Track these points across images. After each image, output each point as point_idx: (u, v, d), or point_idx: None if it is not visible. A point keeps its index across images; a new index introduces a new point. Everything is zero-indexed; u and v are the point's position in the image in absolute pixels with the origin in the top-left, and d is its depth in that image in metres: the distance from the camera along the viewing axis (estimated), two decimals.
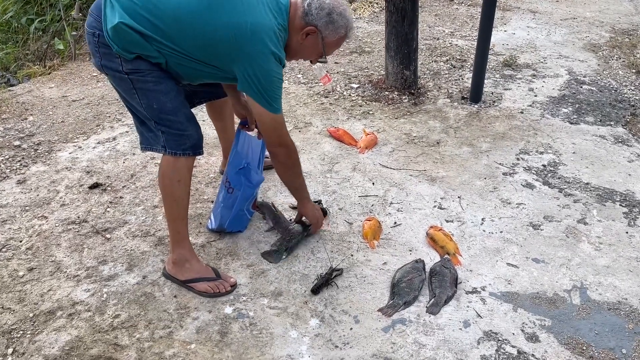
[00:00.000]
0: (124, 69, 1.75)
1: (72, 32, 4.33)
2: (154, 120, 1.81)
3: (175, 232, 1.97)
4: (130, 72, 1.75)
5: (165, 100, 1.79)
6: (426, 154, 2.85)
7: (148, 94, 1.78)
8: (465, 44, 4.38)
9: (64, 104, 3.43)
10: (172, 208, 1.93)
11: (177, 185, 1.88)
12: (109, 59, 1.76)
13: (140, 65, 1.75)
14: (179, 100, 1.83)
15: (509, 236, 2.25)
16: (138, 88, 1.78)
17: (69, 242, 2.23)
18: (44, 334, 1.82)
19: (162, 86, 1.78)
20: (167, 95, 1.79)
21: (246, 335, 1.81)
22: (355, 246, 2.20)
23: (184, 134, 1.82)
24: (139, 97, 1.79)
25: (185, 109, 1.86)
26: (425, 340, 1.79)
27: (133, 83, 1.77)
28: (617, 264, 2.11)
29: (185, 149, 1.83)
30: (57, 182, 2.62)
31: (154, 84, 1.77)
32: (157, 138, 1.85)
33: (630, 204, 2.44)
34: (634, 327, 1.83)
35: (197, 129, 1.87)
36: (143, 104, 1.79)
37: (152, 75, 1.77)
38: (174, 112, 1.81)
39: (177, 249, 1.98)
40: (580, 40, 4.45)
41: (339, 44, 1.95)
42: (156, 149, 1.87)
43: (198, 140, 1.87)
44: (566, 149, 2.88)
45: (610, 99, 3.43)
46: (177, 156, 1.84)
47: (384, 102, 3.40)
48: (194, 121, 1.87)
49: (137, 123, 1.91)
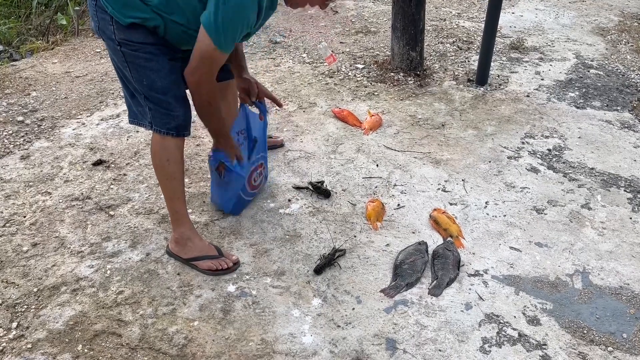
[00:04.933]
0: (116, 37, 1.70)
1: (75, 7, 4.28)
2: (144, 94, 1.79)
3: (174, 211, 1.98)
4: (122, 43, 1.71)
5: (155, 78, 1.76)
6: (431, 136, 2.83)
7: (139, 69, 1.75)
8: (472, 25, 4.33)
9: (67, 79, 3.41)
10: (166, 187, 1.94)
11: (167, 165, 1.88)
12: (105, 25, 1.71)
13: (133, 37, 1.69)
14: (169, 79, 1.78)
15: (512, 220, 2.25)
16: (129, 61, 1.74)
17: (72, 218, 2.23)
18: (48, 308, 1.83)
19: (153, 64, 1.74)
20: (158, 73, 1.75)
21: (249, 313, 1.82)
22: (359, 227, 2.20)
23: (171, 114, 1.80)
24: (130, 70, 1.76)
25: (176, 88, 1.81)
26: (427, 322, 1.80)
27: (125, 56, 1.73)
28: (620, 249, 2.11)
29: (169, 128, 1.82)
30: (60, 159, 2.61)
31: (144, 60, 1.73)
32: (145, 114, 1.83)
33: (634, 190, 2.44)
34: (635, 312, 1.84)
35: (185, 110, 1.84)
36: (134, 77, 1.77)
37: (144, 51, 1.72)
38: (163, 90, 1.77)
39: (178, 228, 1.99)
40: (588, 23, 4.39)
41: None
42: (143, 124, 1.86)
43: (184, 121, 1.84)
44: (572, 134, 2.86)
45: (617, 84, 3.40)
46: (163, 135, 1.83)
47: (389, 83, 3.37)
48: (183, 102, 1.83)
49: (128, 95, 1.88)
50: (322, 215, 2.26)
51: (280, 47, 3.90)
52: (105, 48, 3.87)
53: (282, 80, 3.37)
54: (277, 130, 2.85)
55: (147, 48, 1.72)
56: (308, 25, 4.31)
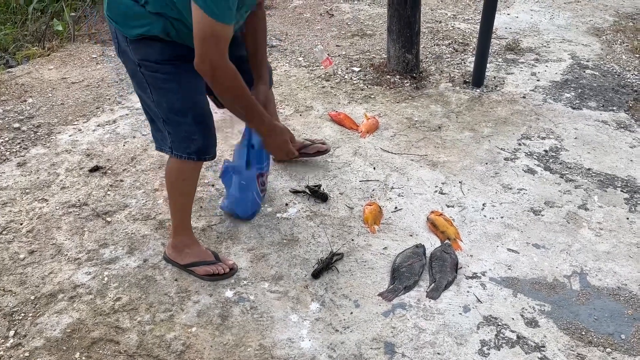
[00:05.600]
0: (135, 57, 1.68)
1: (71, 13, 4.28)
2: (162, 118, 1.76)
3: (179, 221, 1.97)
4: (141, 64, 1.68)
5: (174, 100, 1.72)
6: (427, 138, 2.83)
7: (158, 91, 1.72)
8: (467, 27, 4.34)
9: (64, 86, 3.40)
10: (177, 202, 1.94)
11: (182, 183, 1.88)
12: (123, 45, 1.69)
13: (150, 54, 1.66)
14: (190, 100, 1.74)
15: (509, 221, 2.25)
16: (150, 83, 1.71)
17: (69, 225, 2.23)
18: (45, 316, 1.82)
19: (173, 84, 1.70)
20: (177, 94, 1.71)
21: (247, 319, 1.82)
22: (356, 231, 2.20)
23: (190, 137, 1.77)
24: (151, 93, 1.73)
25: (196, 109, 1.76)
26: (425, 325, 1.80)
27: (145, 77, 1.71)
28: (617, 249, 2.11)
29: (190, 152, 1.78)
30: (57, 165, 2.61)
31: (163, 81, 1.70)
32: (165, 139, 1.81)
33: (631, 190, 2.44)
34: (633, 313, 1.84)
35: (204, 133, 1.79)
36: (154, 99, 1.74)
37: (162, 71, 1.68)
38: (182, 112, 1.74)
39: (178, 236, 1.99)
40: (583, 24, 4.40)
41: None
42: (165, 150, 1.84)
43: (203, 145, 1.80)
44: (568, 134, 2.86)
45: (613, 84, 3.40)
46: (183, 159, 1.80)
47: (385, 86, 3.37)
48: (203, 124, 1.78)
49: (150, 121, 1.86)
50: (319, 219, 2.26)
51: (276, 50, 3.90)
52: (101, 54, 3.87)
53: (278, 84, 3.37)
54: None
55: (166, 67, 1.68)
56: (304, 29, 4.31)
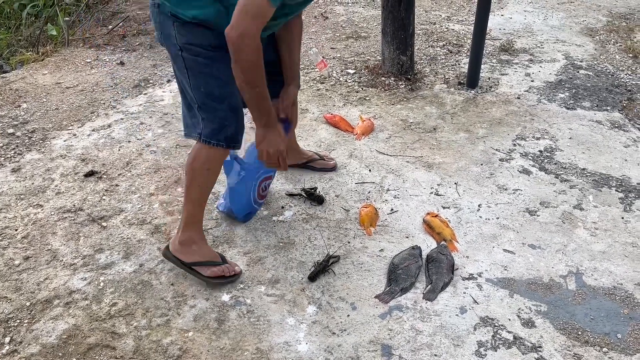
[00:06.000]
0: (178, 42, 1.71)
1: (65, 18, 4.27)
2: (198, 103, 1.77)
3: (190, 214, 1.93)
4: (184, 48, 1.71)
5: (213, 85, 1.74)
6: (423, 140, 2.84)
7: (198, 75, 1.74)
8: (462, 28, 4.35)
9: (58, 90, 3.40)
10: (193, 192, 1.91)
11: (205, 173, 1.86)
12: (167, 29, 1.72)
13: (195, 38, 1.69)
14: (227, 88, 1.75)
15: (505, 222, 2.26)
16: (189, 67, 1.74)
17: (64, 230, 2.22)
18: (41, 322, 1.82)
19: (213, 69, 1.73)
20: (217, 80, 1.74)
21: (244, 322, 1.82)
22: (352, 233, 2.20)
23: (223, 124, 1.78)
24: (189, 77, 1.75)
25: (232, 98, 1.78)
26: (422, 327, 1.80)
27: (185, 61, 1.73)
28: (612, 249, 2.12)
29: (219, 139, 1.79)
30: (52, 170, 2.60)
31: (204, 65, 1.72)
32: (196, 125, 1.82)
33: (626, 189, 2.45)
34: (629, 312, 1.85)
35: (238, 121, 1.82)
36: (192, 84, 1.75)
37: (204, 56, 1.72)
38: (220, 99, 1.76)
39: (187, 230, 1.93)
40: (577, 24, 4.42)
41: None
42: (193, 137, 1.84)
43: (235, 134, 1.82)
44: (562, 135, 2.87)
45: (607, 84, 3.42)
46: (211, 146, 1.80)
47: (380, 87, 3.38)
48: (237, 113, 1.81)
49: (185, 108, 1.87)
50: (315, 222, 2.26)
51: None
52: (95, 58, 3.87)
53: None
54: None
55: (209, 53, 1.72)
56: None
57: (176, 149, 2.76)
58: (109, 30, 4.35)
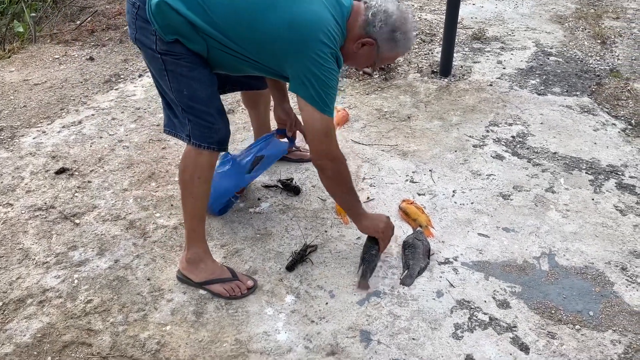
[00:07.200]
0: (157, 48, 1.64)
1: (32, 14, 4.17)
2: (182, 106, 1.71)
3: (191, 230, 1.88)
4: (164, 53, 1.65)
5: (198, 89, 1.69)
6: (397, 128, 2.85)
7: (180, 78, 1.67)
8: (434, 18, 4.38)
9: (26, 88, 3.32)
10: (190, 205, 1.85)
11: (197, 182, 1.80)
12: (144, 34, 1.65)
13: (176, 49, 1.64)
14: (211, 90, 1.73)
15: (479, 207, 2.29)
16: (170, 70, 1.67)
17: (36, 229, 2.18)
18: (14, 322, 1.78)
19: (197, 73, 1.68)
20: (201, 83, 1.69)
21: (222, 314, 1.81)
22: (329, 222, 2.21)
23: (212, 127, 1.74)
24: (169, 80, 1.69)
25: (217, 101, 1.76)
26: (400, 312, 1.81)
27: (165, 64, 1.67)
28: (583, 229, 2.17)
29: (211, 142, 1.74)
30: (21, 169, 2.55)
31: (188, 69, 1.66)
32: (183, 126, 1.75)
33: (596, 172, 2.50)
34: (600, 290, 1.89)
35: (226, 123, 1.79)
36: (173, 87, 1.69)
37: (187, 60, 1.66)
38: (206, 102, 1.71)
39: (191, 248, 1.89)
40: (546, 12, 4.49)
41: (392, 60, 1.85)
42: (180, 137, 1.79)
43: (225, 136, 1.78)
44: (534, 120, 2.92)
45: (576, 70, 3.48)
46: (201, 149, 1.75)
47: (354, 78, 3.38)
48: (224, 115, 1.78)
49: (164, 105, 1.82)
50: (292, 213, 2.26)
51: None
52: (64, 54, 3.79)
53: None
54: (244, 130, 2.83)
55: (190, 58, 1.67)
56: None
57: (149, 143, 2.72)
58: (77, 25, 4.26)
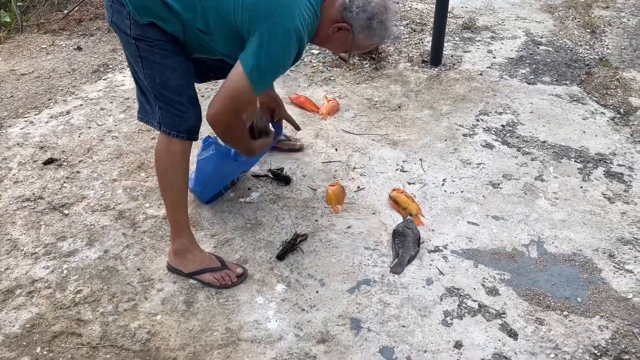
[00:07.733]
0: (132, 32, 1.62)
1: (18, 3, 4.11)
2: (154, 93, 1.70)
3: (175, 221, 1.87)
4: (138, 39, 1.63)
5: (170, 77, 1.67)
6: (388, 118, 2.85)
7: (153, 65, 1.66)
8: (425, 7, 4.37)
9: (13, 78, 3.28)
10: (169, 196, 1.85)
11: (171, 172, 1.79)
12: (119, 17, 1.63)
13: (150, 33, 1.62)
14: (185, 79, 1.72)
15: (469, 195, 2.30)
16: (143, 57, 1.65)
17: (24, 219, 2.16)
18: (3, 312, 1.77)
19: (170, 61, 1.66)
20: (174, 72, 1.68)
21: (212, 303, 1.81)
22: (320, 211, 2.21)
23: (183, 116, 1.73)
24: (143, 66, 1.67)
25: (190, 89, 1.75)
26: (390, 299, 1.82)
27: (139, 50, 1.65)
28: (572, 217, 2.18)
29: (180, 130, 1.73)
30: (8, 159, 2.52)
31: (161, 56, 1.65)
32: (154, 113, 1.75)
33: (584, 160, 2.52)
34: (588, 277, 1.91)
35: (197, 112, 1.77)
36: (146, 74, 1.68)
37: (160, 47, 1.64)
38: (177, 91, 1.70)
39: (177, 239, 1.88)
40: (537, 1, 4.49)
41: (368, 49, 1.80)
42: (151, 124, 1.79)
43: (195, 125, 1.77)
44: (524, 109, 2.93)
45: (565, 59, 3.49)
46: (171, 137, 1.74)
47: (345, 67, 3.37)
48: (195, 104, 1.77)
49: (138, 92, 1.80)
50: (282, 202, 2.26)
51: None
52: (51, 44, 3.74)
53: None
54: None
55: (164, 45, 1.65)
56: None
57: (138, 133, 2.70)
58: (65, 15, 4.21)
